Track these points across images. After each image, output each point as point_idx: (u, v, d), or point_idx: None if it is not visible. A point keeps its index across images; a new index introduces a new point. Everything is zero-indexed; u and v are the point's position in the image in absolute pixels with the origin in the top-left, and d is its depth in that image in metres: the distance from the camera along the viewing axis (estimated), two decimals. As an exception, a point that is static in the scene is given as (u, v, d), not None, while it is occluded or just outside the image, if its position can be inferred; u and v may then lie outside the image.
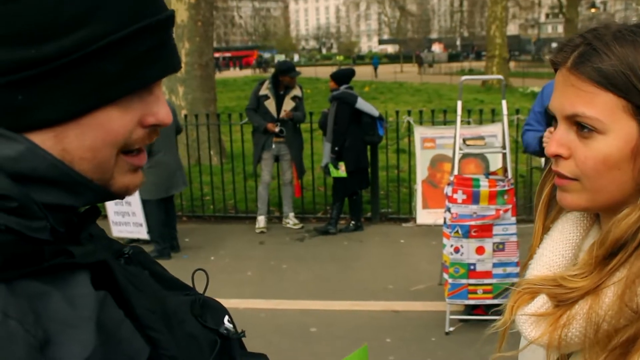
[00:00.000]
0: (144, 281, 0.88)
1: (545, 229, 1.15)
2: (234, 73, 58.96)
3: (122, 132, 0.81)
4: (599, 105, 0.94)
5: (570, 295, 0.98)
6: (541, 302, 1.01)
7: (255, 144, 7.86)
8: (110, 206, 7.19)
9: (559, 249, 1.08)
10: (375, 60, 58.02)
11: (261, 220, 7.98)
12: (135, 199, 7.02)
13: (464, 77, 5.68)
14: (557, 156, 1.01)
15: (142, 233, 7.17)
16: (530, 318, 1.02)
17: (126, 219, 7.26)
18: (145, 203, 6.91)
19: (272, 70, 8.41)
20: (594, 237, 1.06)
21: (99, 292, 0.76)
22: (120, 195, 0.87)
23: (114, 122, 0.80)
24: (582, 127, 0.96)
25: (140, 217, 7.14)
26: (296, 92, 7.89)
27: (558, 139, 1.00)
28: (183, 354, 0.84)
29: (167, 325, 0.84)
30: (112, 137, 0.81)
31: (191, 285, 1.04)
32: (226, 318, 1.01)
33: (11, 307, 0.67)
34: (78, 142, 0.79)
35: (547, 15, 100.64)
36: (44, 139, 0.78)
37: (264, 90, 7.74)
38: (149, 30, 0.80)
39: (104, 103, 0.79)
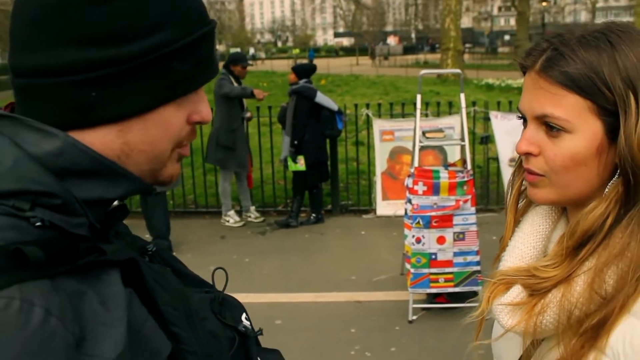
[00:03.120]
0: (167, 278, 0.90)
1: (516, 222, 1.21)
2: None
3: (178, 128, 0.89)
4: (567, 106, 1.00)
5: (544, 284, 1.04)
6: (516, 292, 1.08)
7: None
8: None
9: (529, 240, 1.15)
10: (311, 53, 59.30)
11: (234, 215, 7.98)
12: None
13: (423, 71, 5.77)
14: (528, 154, 1.07)
15: None
16: (506, 307, 1.08)
17: None
18: (155, 195, 6.66)
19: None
20: (562, 229, 1.13)
21: (126, 290, 0.79)
22: (164, 183, 0.94)
23: (173, 119, 0.87)
24: (550, 127, 1.03)
25: None
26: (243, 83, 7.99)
27: (528, 137, 1.06)
28: (204, 350, 0.88)
29: (189, 322, 0.88)
30: (170, 132, 0.87)
31: (208, 282, 1.07)
32: (244, 315, 1.06)
33: (54, 305, 0.69)
34: (140, 137, 0.85)
35: (499, 8, 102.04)
36: (106, 133, 0.83)
37: (234, 84, 7.71)
38: (207, 36, 0.89)
39: (170, 100, 0.86)
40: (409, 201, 5.13)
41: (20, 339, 0.65)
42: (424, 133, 5.38)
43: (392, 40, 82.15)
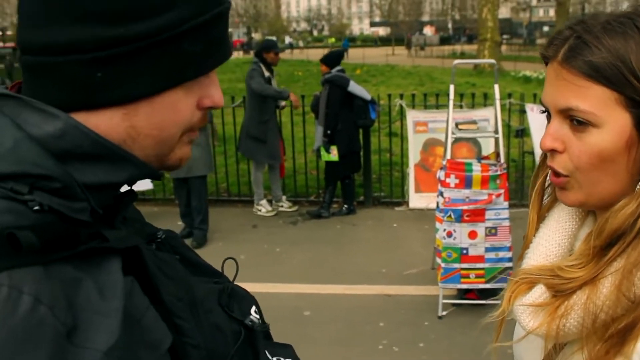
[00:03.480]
0: (173, 268, 0.88)
1: (540, 218, 1.16)
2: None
3: (186, 113, 0.85)
4: (592, 98, 0.94)
5: (568, 285, 0.99)
6: (539, 293, 1.02)
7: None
8: None
9: (555, 238, 1.09)
10: (346, 42, 59.23)
11: (266, 204, 8.01)
12: None
13: (456, 61, 5.68)
14: (552, 150, 1.02)
15: (144, 183, 7.31)
16: (528, 308, 1.03)
17: None
18: (197, 180, 6.82)
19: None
20: (590, 227, 1.07)
21: (127, 278, 0.77)
22: (173, 167, 0.91)
23: (181, 103, 0.84)
24: (575, 120, 0.97)
25: None
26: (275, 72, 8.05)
27: (552, 133, 1.01)
28: (207, 343, 0.85)
29: (194, 314, 0.85)
30: (179, 117, 0.84)
31: (219, 272, 1.04)
32: (253, 308, 1.02)
33: (45, 293, 0.67)
34: (147, 120, 0.82)
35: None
36: (112, 115, 0.80)
37: (265, 73, 7.70)
38: (219, 17, 0.85)
39: (179, 83, 0.82)
40: (441, 194, 5.07)
41: (6, 326, 0.63)
42: (456, 125, 5.30)
43: (428, 31, 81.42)
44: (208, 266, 1.04)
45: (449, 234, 4.91)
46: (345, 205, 7.93)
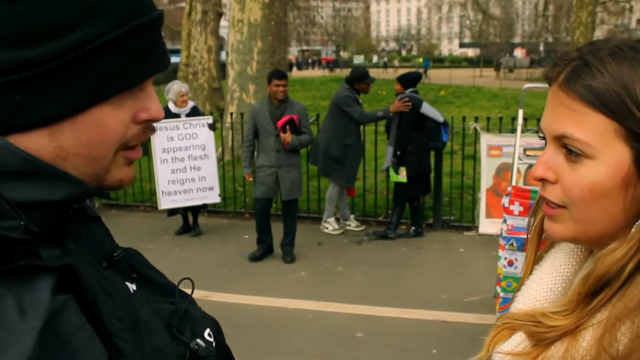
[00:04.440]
0: (118, 288, 0.86)
1: (537, 259, 1.07)
2: (311, 72, 59.33)
3: (117, 129, 0.84)
4: (589, 126, 0.86)
5: (548, 334, 0.91)
6: (518, 341, 0.95)
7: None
8: (163, 176, 7.41)
9: (547, 281, 1.01)
10: (426, 62, 59.14)
11: (334, 222, 8.00)
12: (208, 163, 7.48)
13: (526, 85, 5.56)
14: (544, 180, 0.94)
15: (212, 197, 7.57)
16: (506, 357, 0.96)
17: (187, 186, 7.42)
18: (294, 202, 6.98)
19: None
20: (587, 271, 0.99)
21: (59, 297, 0.76)
22: (112, 188, 0.89)
23: (108, 119, 0.82)
24: (570, 150, 0.89)
25: (212, 180, 7.51)
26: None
27: (545, 161, 0.93)
28: None
29: (135, 335, 0.83)
30: (107, 134, 0.83)
31: (183, 293, 1.02)
32: (207, 331, 0.99)
33: None
34: (73, 139, 0.81)
35: (638, 21, 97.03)
36: (39, 137, 0.80)
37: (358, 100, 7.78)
38: (141, 29, 0.83)
39: (100, 100, 0.81)
40: (505, 221, 4.91)
41: None
42: (524, 150, 5.13)
43: (519, 53, 79.85)
44: (168, 285, 1.02)
45: (510, 263, 4.74)
46: (413, 227, 7.82)
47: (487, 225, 7.84)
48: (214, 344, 0.99)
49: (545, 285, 1.01)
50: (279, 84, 6.46)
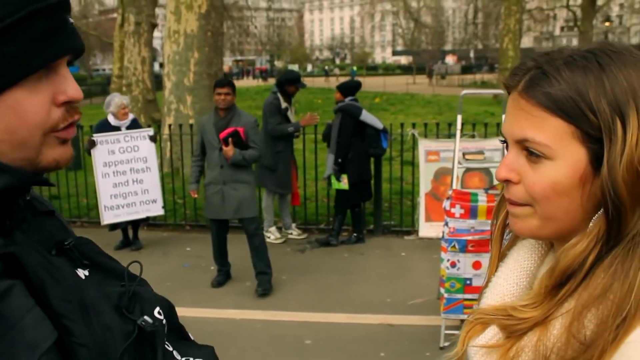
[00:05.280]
0: (65, 273, 0.90)
1: (502, 257, 1.13)
2: (246, 82, 59.12)
3: (36, 112, 0.87)
4: (548, 130, 0.93)
5: (520, 326, 0.97)
6: (492, 334, 1.00)
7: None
8: (105, 191, 7.20)
9: (513, 277, 1.07)
10: (353, 71, 60.65)
11: (275, 231, 7.99)
12: (150, 175, 7.25)
13: (464, 92, 5.69)
14: (507, 181, 1.00)
15: (155, 209, 7.35)
16: (480, 350, 1.01)
17: (130, 200, 7.26)
18: (253, 221, 6.23)
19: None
20: (549, 265, 1.05)
21: (4, 282, 0.81)
22: (50, 169, 0.93)
23: (25, 104, 0.86)
24: (531, 152, 0.95)
25: (155, 193, 7.32)
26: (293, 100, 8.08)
27: (508, 163, 0.99)
28: (96, 343, 0.87)
29: (83, 315, 0.88)
30: (27, 117, 0.86)
31: (133, 276, 1.06)
32: (157, 310, 1.03)
33: None
34: None
35: (562, 29, 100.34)
36: None
37: (283, 103, 7.75)
38: (42, 13, 0.86)
39: (9, 85, 0.84)
40: (446, 224, 5.03)
41: None
42: (463, 155, 5.27)
43: (450, 60, 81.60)
44: (120, 270, 1.06)
45: (453, 264, 4.85)
46: (355, 234, 7.90)
47: (427, 229, 7.98)
48: (164, 322, 1.03)
49: (512, 280, 1.07)
50: (221, 92, 6.01)
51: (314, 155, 8.71)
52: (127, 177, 7.32)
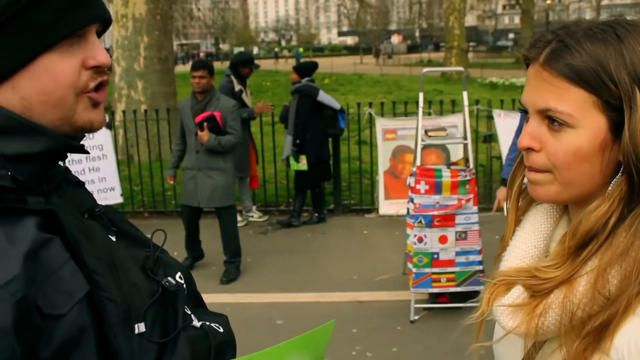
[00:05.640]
0: (97, 234, 1.00)
1: (517, 221, 1.17)
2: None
3: (68, 74, 0.96)
4: (570, 100, 0.97)
5: (545, 285, 1.01)
6: (517, 293, 1.04)
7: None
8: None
9: (531, 240, 1.12)
10: (297, 52, 60.88)
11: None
12: (107, 163, 7.03)
13: (425, 69, 5.73)
14: (529, 149, 1.04)
15: (113, 197, 7.14)
16: (507, 309, 1.05)
17: (89, 188, 7.12)
18: (228, 211, 6.12)
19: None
20: (564, 228, 1.10)
21: (45, 235, 0.90)
22: (85, 129, 1.02)
23: (58, 66, 0.95)
24: (553, 120, 1.00)
25: (112, 180, 7.13)
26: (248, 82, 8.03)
27: (530, 132, 1.03)
28: (123, 298, 0.96)
29: (112, 272, 0.96)
30: (60, 78, 0.95)
31: (158, 244, 1.14)
32: (178, 274, 1.12)
33: None
34: (32, 88, 0.94)
35: (503, 7, 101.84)
36: (4, 91, 0.93)
37: (237, 86, 7.68)
38: None
39: (44, 49, 0.93)
40: (411, 200, 5.10)
41: None
42: (426, 132, 5.34)
43: (396, 39, 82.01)
44: (144, 238, 1.15)
45: (420, 240, 4.94)
46: (316, 214, 7.95)
47: (387, 207, 8.09)
48: (184, 286, 1.12)
49: (530, 243, 1.11)
50: (195, 75, 5.86)
51: (270, 138, 8.71)
52: (82, 166, 7.17)
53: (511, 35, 76.67)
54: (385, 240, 7.05)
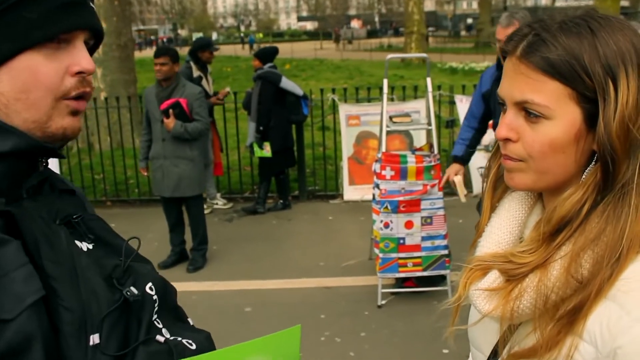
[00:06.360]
0: (61, 239, 0.96)
1: (492, 208, 1.21)
2: (150, 53, 57.51)
3: (51, 76, 0.96)
4: (547, 92, 1.00)
5: (520, 270, 1.04)
6: (493, 278, 1.07)
7: None
8: None
9: (506, 226, 1.15)
10: (251, 38, 61.33)
11: None
12: (54, 162, 6.82)
13: (390, 56, 5.76)
14: (506, 140, 1.07)
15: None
16: (483, 293, 1.08)
17: None
18: (194, 200, 6.06)
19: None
20: (538, 215, 1.13)
21: (1, 236, 0.88)
22: (57, 137, 1.00)
23: (41, 67, 0.95)
24: (530, 112, 1.02)
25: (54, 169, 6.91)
26: (210, 69, 7.94)
27: (507, 123, 1.06)
28: (80, 307, 0.92)
29: (72, 279, 0.93)
30: (41, 79, 0.95)
31: (133, 251, 1.08)
32: (149, 285, 1.05)
33: None
34: (11, 85, 0.94)
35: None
36: None
37: (196, 72, 7.62)
38: None
39: (26, 46, 0.94)
40: (377, 186, 5.14)
41: None
42: (390, 118, 5.37)
43: (355, 24, 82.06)
44: (119, 246, 1.08)
45: (386, 225, 4.98)
46: (281, 201, 7.95)
47: (351, 192, 8.14)
48: (154, 297, 1.04)
49: (505, 229, 1.15)
50: (156, 62, 5.75)
51: (234, 125, 8.67)
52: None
53: (470, 20, 77.28)
54: (350, 226, 7.09)
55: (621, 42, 0.99)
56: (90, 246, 1.04)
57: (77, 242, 1.01)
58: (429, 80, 5.39)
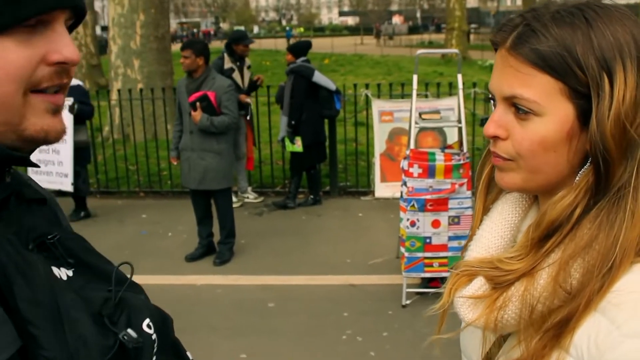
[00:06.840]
0: (39, 271, 0.79)
1: (485, 210, 1.14)
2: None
3: (21, 65, 0.79)
4: (536, 87, 0.93)
5: (507, 277, 0.97)
6: (478, 285, 1.01)
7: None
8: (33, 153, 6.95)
9: (497, 230, 1.08)
10: (288, 32, 60.83)
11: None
12: (65, 147, 6.89)
13: (419, 51, 5.69)
14: (495, 137, 1.00)
15: (66, 185, 7.03)
16: (467, 300, 1.02)
17: (49, 168, 7.02)
18: (217, 194, 6.05)
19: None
20: (532, 218, 1.06)
21: None
22: (38, 141, 0.84)
23: (11, 54, 0.78)
24: (519, 108, 0.95)
25: (67, 167, 6.99)
26: (248, 62, 7.90)
27: (496, 120, 0.99)
28: (66, 357, 0.76)
29: (55, 323, 0.77)
30: (11, 69, 0.78)
31: (124, 278, 0.94)
32: (146, 321, 0.90)
33: None
34: None
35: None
36: None
37: (227, 64, 7.63)
38: None
39: None
40: (405, 184, 5.07)
41: None
42: (420, 114, 5.30)
43: (397, 20, 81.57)
44: (108, 272, 0.93)
45: (413, 224, 4.91)
46: (311, 196, 7.92)
47: (383, 189, 8.06)
48: (153, 337, 0.89)
49: (496, 233, 1.08)
50: (183, 55, 5.75)
51: (266, 118, 8.66)
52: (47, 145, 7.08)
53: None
54: (380, 223, 7.02)
55: (619, 34, 0.91)
56: (70, 272, 0.87)
57: (53, 268, 0.85)
58: (459, 76, 5.30)
